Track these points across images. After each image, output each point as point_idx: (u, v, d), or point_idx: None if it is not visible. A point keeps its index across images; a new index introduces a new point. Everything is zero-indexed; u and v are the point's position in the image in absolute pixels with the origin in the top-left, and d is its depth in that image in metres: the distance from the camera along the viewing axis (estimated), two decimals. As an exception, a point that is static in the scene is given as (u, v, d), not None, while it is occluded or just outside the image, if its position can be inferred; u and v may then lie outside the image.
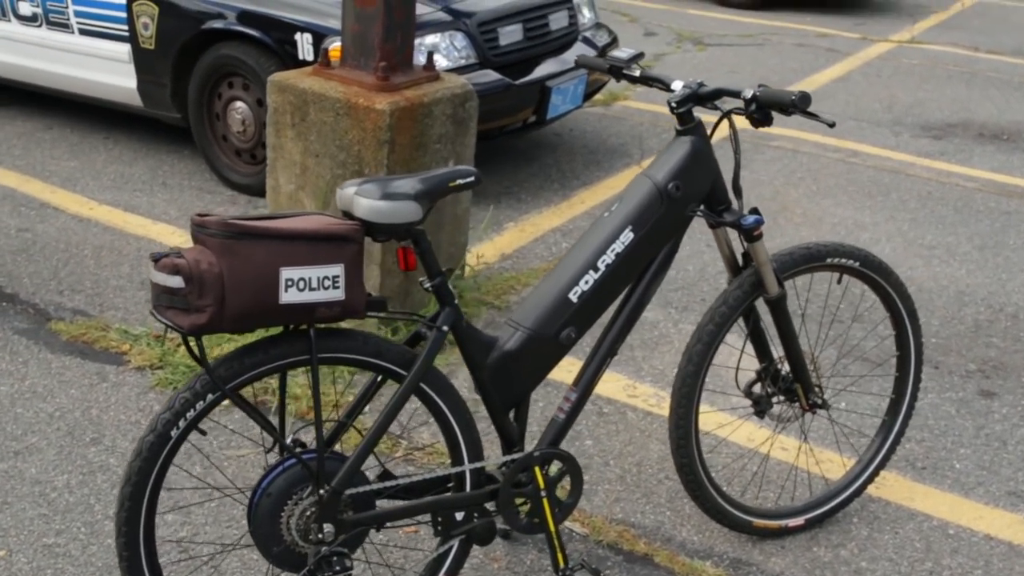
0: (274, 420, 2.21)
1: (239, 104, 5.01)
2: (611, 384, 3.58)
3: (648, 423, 3.39)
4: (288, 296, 1.96)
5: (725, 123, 2.44)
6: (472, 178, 2.17)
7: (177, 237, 4.58)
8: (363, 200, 2.04)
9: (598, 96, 6.31)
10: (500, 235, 4.78)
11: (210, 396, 2.07)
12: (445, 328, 2.21)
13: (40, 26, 5.53)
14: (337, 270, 2.00)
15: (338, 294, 2.01)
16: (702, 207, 2.46)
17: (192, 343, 1.97)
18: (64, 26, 5.43)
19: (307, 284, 1.97)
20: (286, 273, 1.95)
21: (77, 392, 3.44)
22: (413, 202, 2.06)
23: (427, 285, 2.20)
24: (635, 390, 3.58)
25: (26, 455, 3.12)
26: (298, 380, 3.35)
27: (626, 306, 2.45)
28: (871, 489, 3.08)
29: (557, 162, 5.74)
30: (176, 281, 1.89)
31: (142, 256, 4.40)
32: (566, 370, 3.18)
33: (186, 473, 2.97)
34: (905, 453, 3.30)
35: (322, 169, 3.53)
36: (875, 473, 2.98)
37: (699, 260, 4.56)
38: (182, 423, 2.07)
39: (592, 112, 6.58)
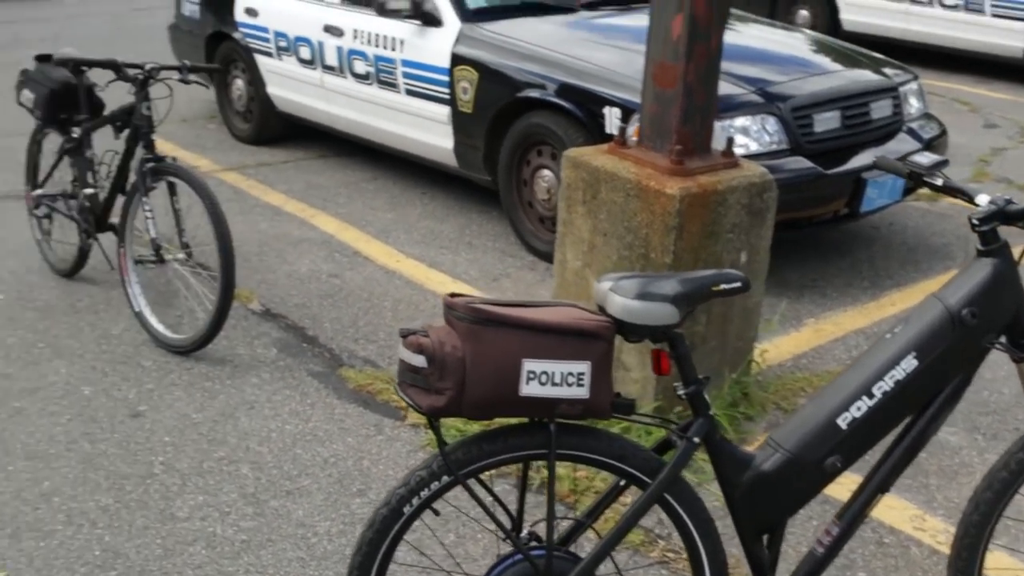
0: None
1: (546, 172, 5.06)
2: (897, 512, 3.26)
3: (934, 563, 3.04)
4: (528, 389, 1.89)
5: None
6: (739, 283, 2.02)
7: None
8: (617, 298, 1.95)
9: (922, 190, 5.90)
10: (797, 331, 4.52)
11: (445, 478, 2.03)
12: (696, 440, 2.07)
13: (371, 84, 5.88)
14: (583, 367, 1.91)
15: (582, 392, 1.92)
16: (1003, 339, 2.17)
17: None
18: (393, 86, 5.74)
19: (549, 379, 1.89)
20: (528, 365, 1.88)
21: (353, 441, 3.55)
22: (670, 305, 1.94)
23: (681, 392, 2.07)
24: (923, 522, 3.23)
25: (296, 496, 3.23)
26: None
27: (904, 439, 2.20)
28: None
29: (871, 258, 5.39)
30: (420, 360, 1.87)
31: (437, 314, 4.51)
32: (847, 488, 2.92)
33: (427, 537, 2.96)
34: None
35: (609, 249, 3.47)
36: None
37: (1016, 383, 4.10)
38: (415, 501, 2.04)
39: (915, 207, 6.16)
